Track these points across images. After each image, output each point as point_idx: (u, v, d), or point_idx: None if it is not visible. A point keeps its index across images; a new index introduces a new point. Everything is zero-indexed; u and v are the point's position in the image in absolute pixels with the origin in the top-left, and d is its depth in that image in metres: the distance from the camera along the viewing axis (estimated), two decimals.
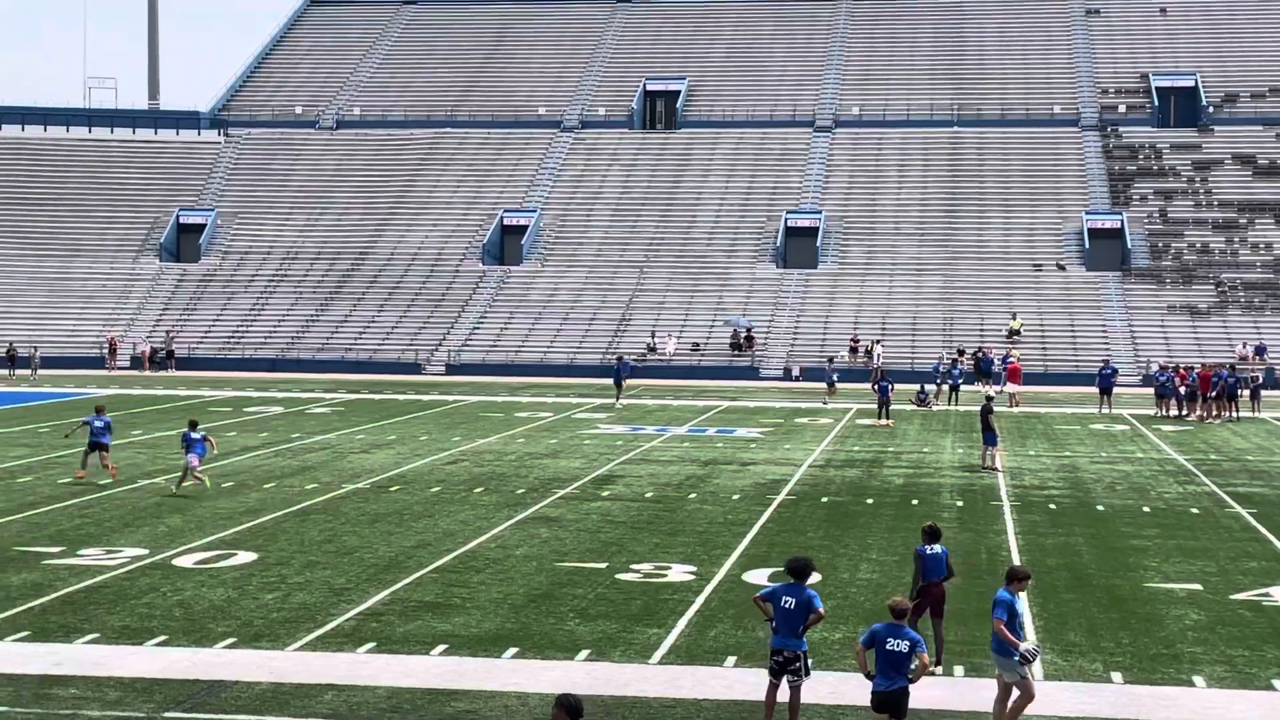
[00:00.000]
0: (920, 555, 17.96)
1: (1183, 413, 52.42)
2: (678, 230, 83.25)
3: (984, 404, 38.03)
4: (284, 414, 50.55)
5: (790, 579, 15.47)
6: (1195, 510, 30.51)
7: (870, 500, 31.33)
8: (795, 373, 69.72)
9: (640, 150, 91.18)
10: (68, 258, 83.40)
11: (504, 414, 51.01)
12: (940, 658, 17.68)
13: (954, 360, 61.66)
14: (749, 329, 73.04)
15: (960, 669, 17.92)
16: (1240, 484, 34.70)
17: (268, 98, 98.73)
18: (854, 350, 70.53)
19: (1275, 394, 61.97)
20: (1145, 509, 30.53)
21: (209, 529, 26.94)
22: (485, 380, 68.00)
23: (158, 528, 27.06)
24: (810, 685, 15.58)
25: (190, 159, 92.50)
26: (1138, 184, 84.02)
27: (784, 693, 15.29)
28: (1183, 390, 52.72)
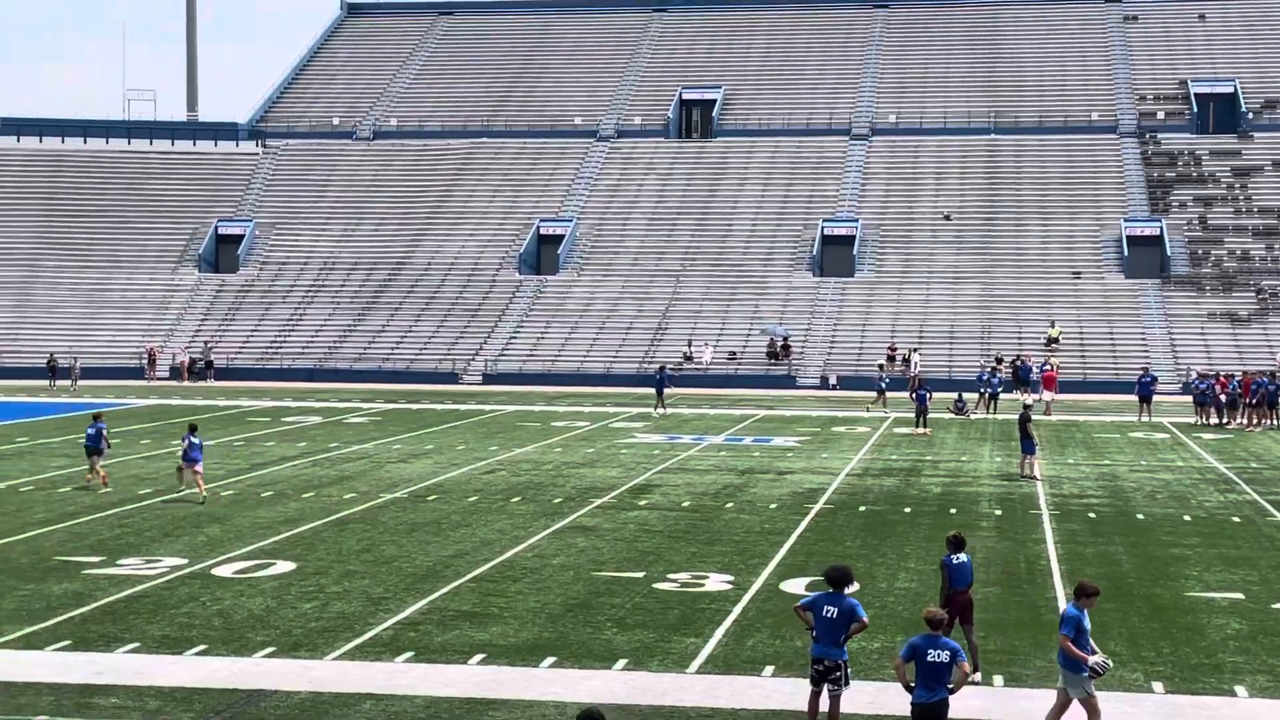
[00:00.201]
0: (947, 565, 17.99)
1: (1223, 421, 52.08)
2: (714, 239, 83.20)
3: (1022, 412, 37.91)
4: (322, 424, 50.73)
5: (829, 588, 15.43)
6: (1236, 519, 30.30)
7: (908, 509, 31.23)
8: (832, 381, 69.57)
9: (676, 159, 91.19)
10: (107, 269, 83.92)
11: (541, 423, 51.07)
12: (976, 664, 17.62)
13: (992, 369, 61.44)
14: (786, 338, 72.92)
15: (1000, 678, 17.84)
16: None
17: (305, 109, 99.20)
18: (891, 359, 70.35)
19: None
20: (1186, 518, 30.34)
21: (248, 539, 27.05)
22: (522, 390, 68.07)
23: (197, 538, 27.19)
24: (849, 695, 15.54)
25: (228, 170, 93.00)
26: (1177, 191, 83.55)
27: (823, 702, 15.25)
28: (1223, 398, 52.39)
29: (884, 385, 58.25)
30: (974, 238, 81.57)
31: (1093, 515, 30.59)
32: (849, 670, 15.31)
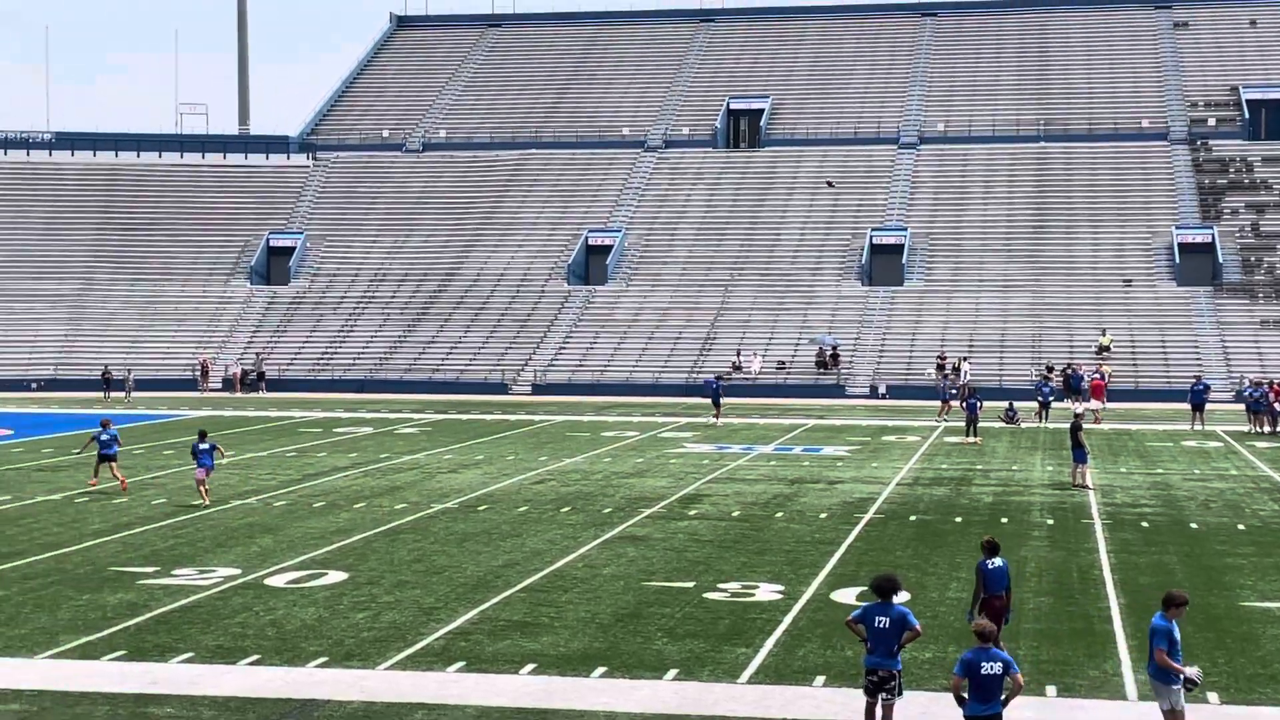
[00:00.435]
0: (981, 569, 17.98)
1: (1276, 429, 51.61)
2: (762, 249, 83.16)
3: (1073, 421, 37.71)
4: (373, 434, 50.97)
5: (878, 598, 15.40)
6: None
7: (959, 519, 31.10)
8: (881, 390, 69.38)
9: (724, 169, 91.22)
10: (161, 281, 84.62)
11: (590, 433, 51.13)
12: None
13: (1044, 377, 61.11)
14: (835, 347, 72.78)
15: (1052, 689, 17.75)
16: None
17: (355, 121, 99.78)
18: (940, 368, 70.10)
19: None
20: (1240, 527, 30.09)
21: (300, 549, 27.21)
22: (571, 400, 68.20)
23: (250, 548, 27.37)
24: (901, 705, 15.49)
25: (280, 183, 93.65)
26: (1228, 197, 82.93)
27: (878, 712, 15.21)
28: (1277, 406, 51.92)
29: (951, 394, 58.20)
30: (1024, 246, 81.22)
31: (1146, 524, 30.38)
32: (902, 680, 15.28)
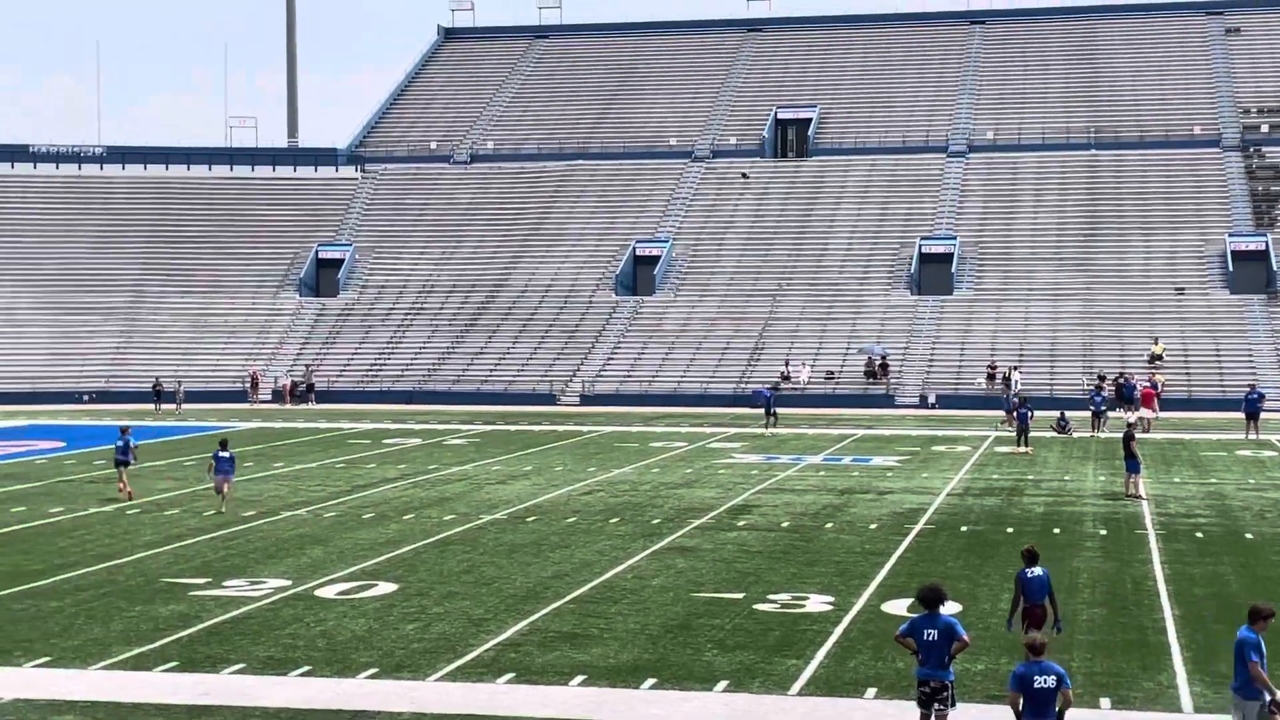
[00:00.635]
0: (1021, 578, 17.90)
1: None
2: (810, 258, 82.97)
3: (1126, 430, 37.41)
4: (422, 445, 51.10)
5: (924, 609, 15.30)
6: None
7: (1010, 529, 30.88)
8: (931, 400, 69.05)
9: (772, 179, 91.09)
10: (211, 294, 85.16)
11: (638, 444, 51.10)
12: None
13: (1096, 386, 60.69)
14: (884, 356, 72.49)
15: (1106, 701, 17.59)
16: None
17: (403, 133, 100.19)
18: (991, 377, 69.71)
19: None
20: None
21: (350, 560, 27.28)
22: (619, 410, 68.19)
23: (300, 559, 27.47)
24: (954, 716, 15.38)
25: (328, 195, 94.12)
26: None
27: None
28: None
29: (1013, 404, 57.80)
30: (1074, 254, 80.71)
31: (1200, 535, 30.10)
32: (955, 691, 15.16)
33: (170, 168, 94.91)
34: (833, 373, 72.93)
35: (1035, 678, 13.73)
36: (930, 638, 15.02)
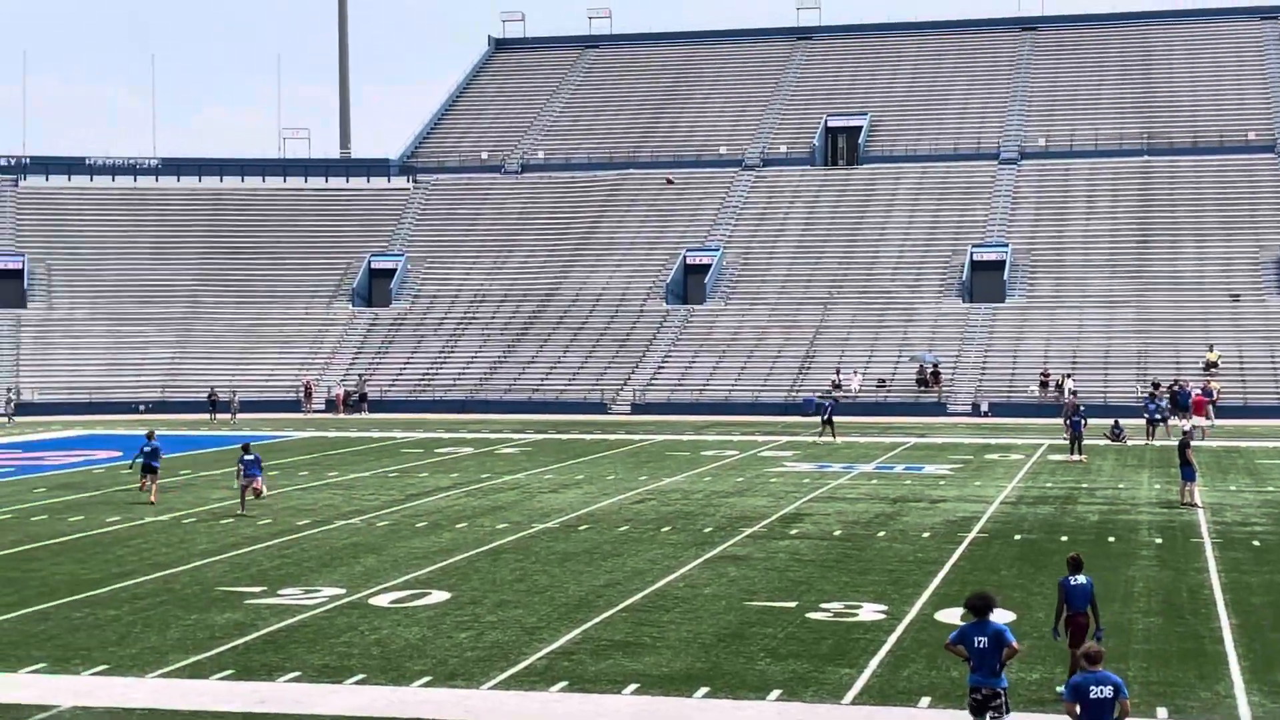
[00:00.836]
0: (1064, 586, 17.84)
1: None
2: (861, 266, 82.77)
3: (1181, 438, 37.15)
4: (474, 454, 51.26)
5: (974, 617, 15.25)
6: None
7: (1064, 538, 30.70)
8: (984, 408, 68.73)
9: (822, 187, 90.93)
10: (265, 304, 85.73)
11: (690, 452, 51.10)
12: None
13: (1150, 394, 60.27)
14: (935, 364, 72.22)
15: (1163, 710, 17.46)
16: None
17: (455, 144, 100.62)
18: (1044, 385, 69.34)
19: None
20: None
21: (403, 569, 27.40)
22: (670, 419, 68.19)
23: (354, 568, 27.61)
24: None
25: (380, 206, 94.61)
26: None
27: None
28: None
29: (1066, 412, 57.48)
30: (1128, 261, 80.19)
31: (1257, 543, 29.84)
32: (1008, 699, 15.10)
33: (224, 179, 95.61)
34: (884, 380, 72.73)
35: (1092, 688, 13.65)
36: (981, 645, 14.97)
